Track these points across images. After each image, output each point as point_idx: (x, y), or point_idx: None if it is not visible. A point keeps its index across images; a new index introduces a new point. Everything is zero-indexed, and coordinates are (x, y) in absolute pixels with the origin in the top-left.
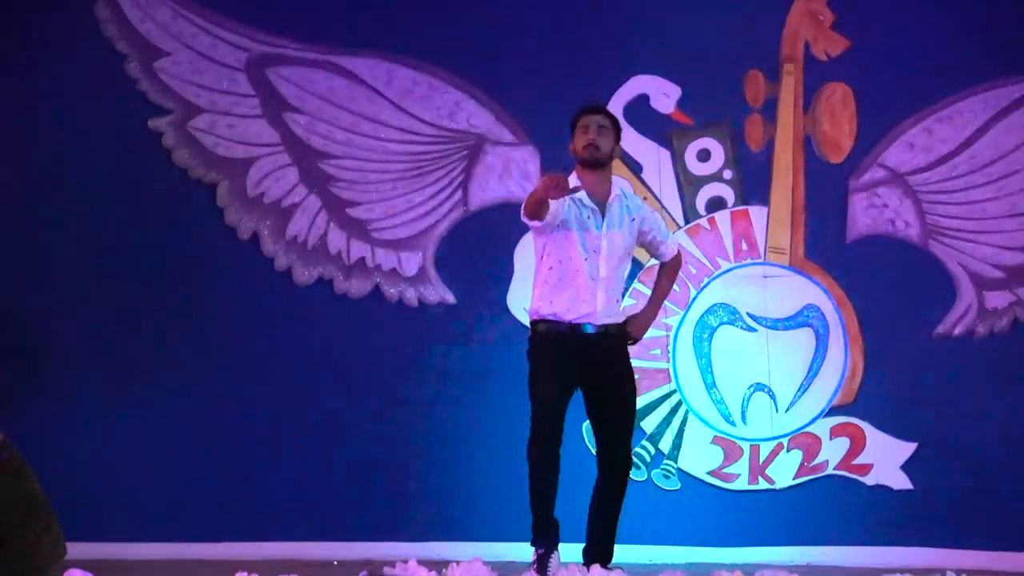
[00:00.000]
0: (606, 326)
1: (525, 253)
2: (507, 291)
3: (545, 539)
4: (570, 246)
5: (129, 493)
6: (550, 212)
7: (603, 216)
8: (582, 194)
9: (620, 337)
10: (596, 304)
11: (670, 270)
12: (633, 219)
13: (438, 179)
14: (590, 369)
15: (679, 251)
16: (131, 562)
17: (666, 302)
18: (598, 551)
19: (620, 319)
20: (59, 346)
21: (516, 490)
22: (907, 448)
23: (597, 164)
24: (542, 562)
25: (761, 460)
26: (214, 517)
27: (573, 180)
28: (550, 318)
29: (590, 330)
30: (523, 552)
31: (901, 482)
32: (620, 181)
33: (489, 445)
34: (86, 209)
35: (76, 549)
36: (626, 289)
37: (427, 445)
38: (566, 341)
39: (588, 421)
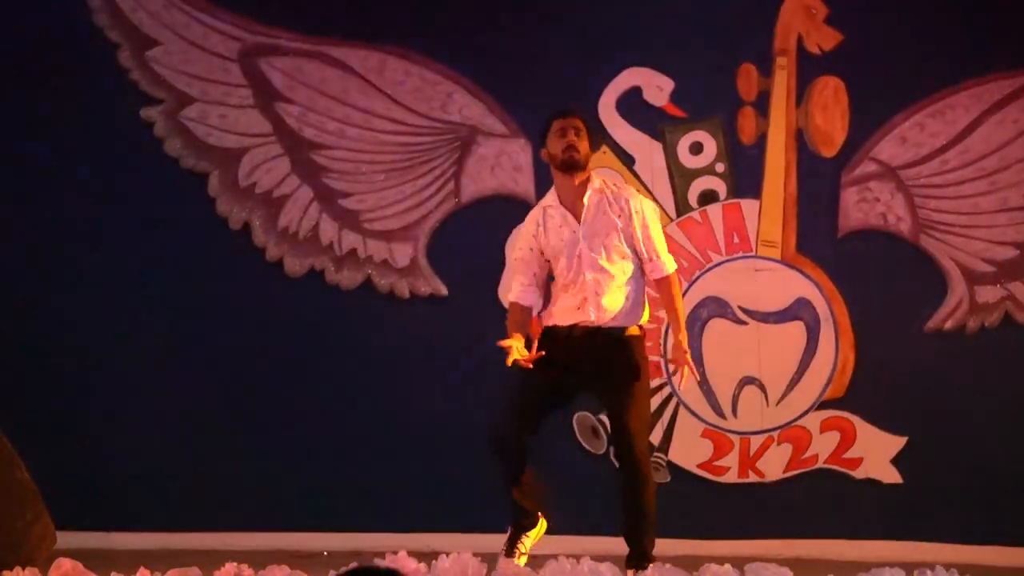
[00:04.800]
0: (603, 328)
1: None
2: (498, 283)
3: (513, 519)
4: (556, 263)
5: (117, 482)
6: (539, 272)
7: (579, 221)
8: (552, 202)
9: (622, 337)
10: (589, 312)
11: (662, 292)
12: (620, 212)
13: (430, 170)
14: (578, 362)
15: (670, 277)
16: (119, 551)
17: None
18: (629, 555)
19: (628, 323)
20: (43, 335)
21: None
22: (897, 442)
23: (575, 167)
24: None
25: (751, 453)
26: (203, 507)
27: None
28: (549, 326)
29: (579, 331)
30: None
31: (891, 476)
32: (605, 172)
33: (480, 436)
34: (76, 198)
35: (65, 538)
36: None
37: (418, 436)
38: (557, 341)
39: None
